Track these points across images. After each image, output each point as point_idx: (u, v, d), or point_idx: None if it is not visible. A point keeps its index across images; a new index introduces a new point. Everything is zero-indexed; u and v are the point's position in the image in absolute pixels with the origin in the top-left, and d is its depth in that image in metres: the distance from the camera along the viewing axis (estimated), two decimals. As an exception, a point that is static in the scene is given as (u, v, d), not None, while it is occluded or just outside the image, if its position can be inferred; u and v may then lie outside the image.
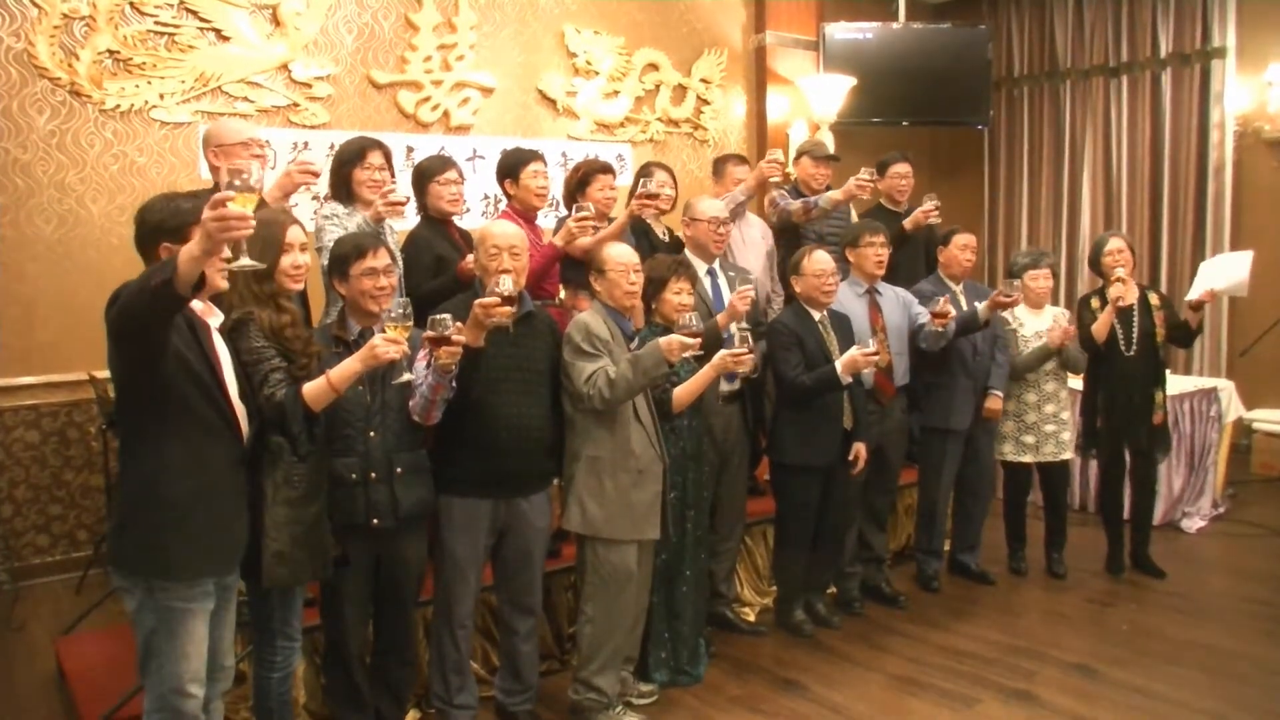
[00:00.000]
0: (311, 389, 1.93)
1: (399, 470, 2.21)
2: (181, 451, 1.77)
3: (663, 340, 2.36)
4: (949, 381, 3.49)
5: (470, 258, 2.61)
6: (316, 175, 2.55)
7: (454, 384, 2.12)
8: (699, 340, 2.35)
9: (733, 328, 2.66)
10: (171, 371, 1.73)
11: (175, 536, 1.77)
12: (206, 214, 1.53)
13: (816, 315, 3.09)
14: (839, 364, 2.88)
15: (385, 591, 2.29)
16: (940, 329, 3.17)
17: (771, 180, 3.54)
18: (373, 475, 2.18)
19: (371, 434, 2.18)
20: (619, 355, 2.48)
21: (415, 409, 2.19)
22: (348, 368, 1.94)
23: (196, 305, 1.81)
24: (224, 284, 1.81)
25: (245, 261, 1.73)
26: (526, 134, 4.61)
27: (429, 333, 2.04)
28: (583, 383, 2.42)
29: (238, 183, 1.56)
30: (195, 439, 1.78)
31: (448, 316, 2.04)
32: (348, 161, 2.76)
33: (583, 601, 2.57)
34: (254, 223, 1.57)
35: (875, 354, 2.87)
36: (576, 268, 2.91)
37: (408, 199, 2.58)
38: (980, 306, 3.29)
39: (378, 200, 2.55)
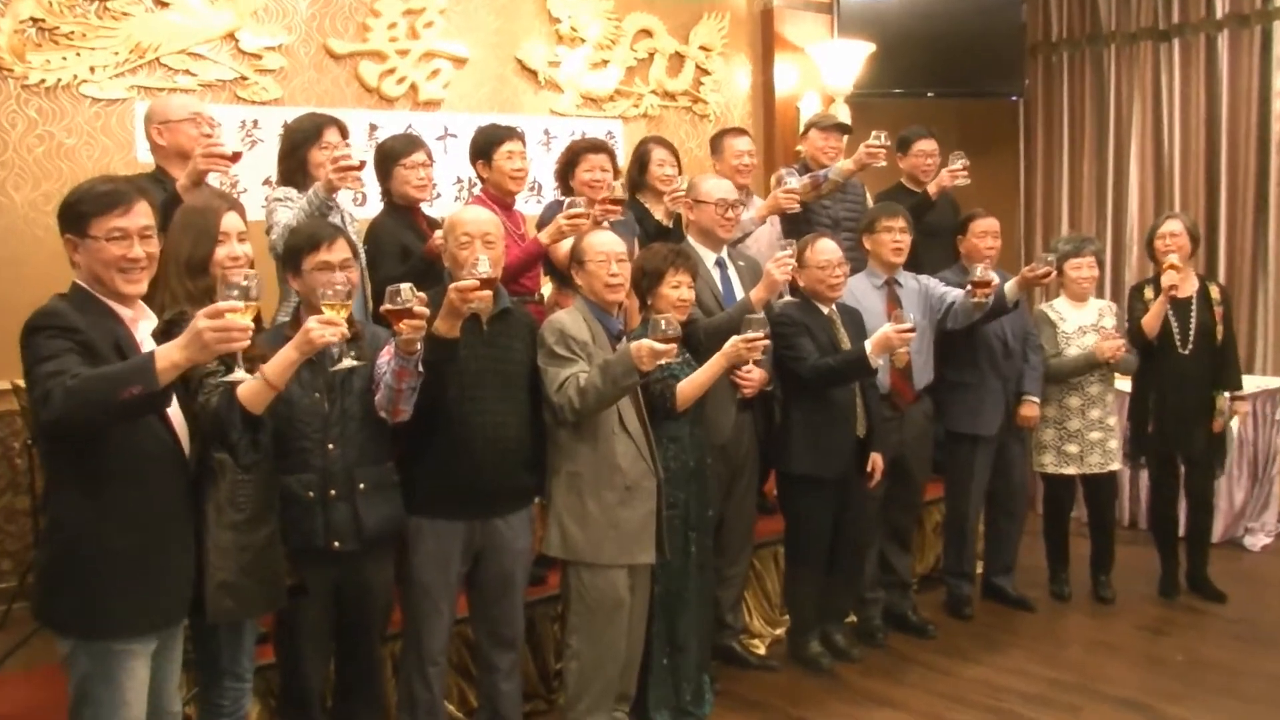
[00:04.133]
0: (247, 389, 1.91)
1: (362, 486, 2.21)
2: (121, 494, 1.74)
3: (633, 345, 2.36)
4: (976, 381, 3.50)
5: (439, 234, 2.61)
6: (228, 160, 2.47)
7: (420, 368, 2.13)
8: (672, 348, 2.33)
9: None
10: None
11: (117, 595, 1.74)
12: (204, 323, 1.59)
13: (825, 310, 3.10)
14: (869, 343, 2.88)
15: (348, 624, 2.29)
16: (982, 299, 3.13)
17: (784, 185, 3.47)
18: (332, 492, 2.18)
19: (330, 446, 2.19)
20: (601, 359, 2.48)
21: (381, 403, 2.20)
22: (283, 358, 1.92)
23: (125, 313, 1.80)
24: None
25: (240, 374, 1.79)
26: (504, 110, 4.61)
27: (386, 305, 2.04)
28: (554, 391, 2.44)
29: (236, 292, 1.64)
30: (136, 473, 1.76)
31: (407, 286, 2.04)
32: (301, 142, 2.76)
33: (568, 633, 2.58)
34: (251, 335, 1.67)
35: (911, 329, 2.85)
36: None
37: (363, 164, 2.55)
38: (1008, 285, 3.29)
39: (328, 166, 2.52)
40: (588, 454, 2.50)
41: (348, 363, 2.10)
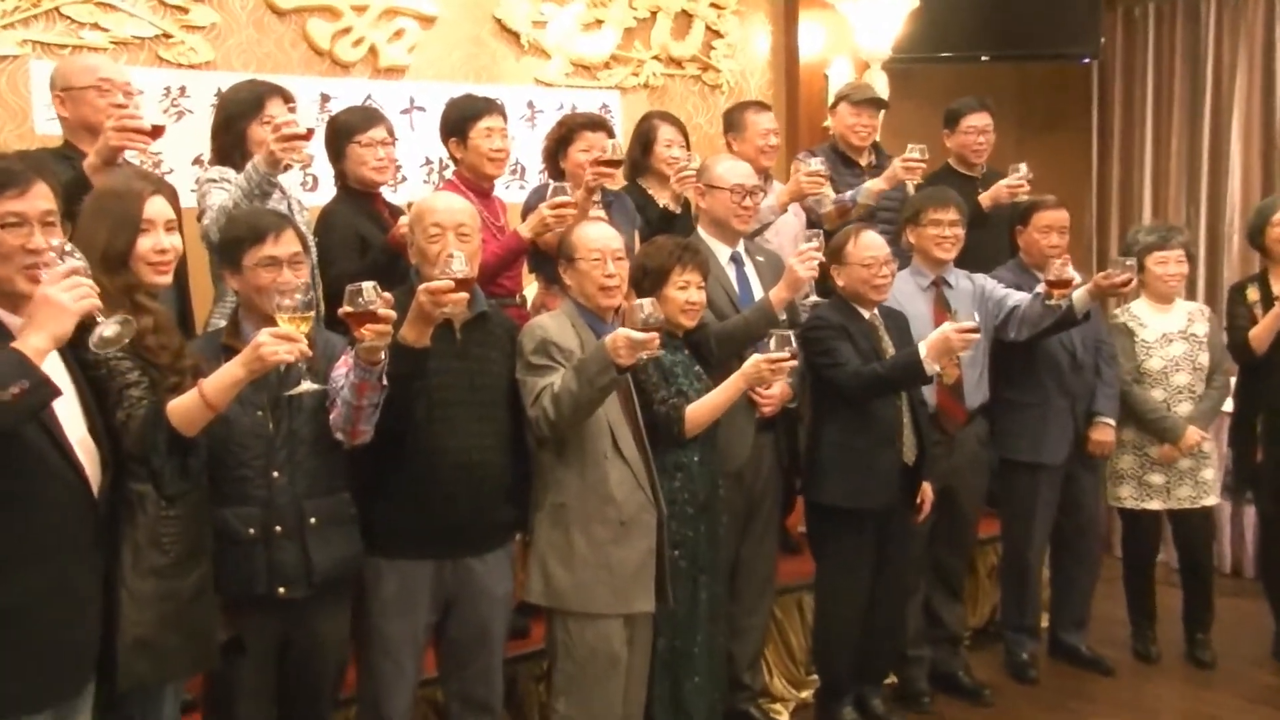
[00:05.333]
0: (180, 404, 1.93)
1: (313, 521, 2.26)
2: (2, 540, 1.72)
3: (608, 338, 2.39)
4: (1039, 401, 3.55)
5: (403, 224, 2.67)
6: (147, 136, 2.46)
7: (384, 381, 2.18)
8: (654, 337, 2.36)
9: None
10: None
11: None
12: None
13: (866, 313, 3.17)
14: (925, 345, 2.92)
15: (294, 685, 2.33)
16: (1058, 302, 3.15)
17: (803, 181, 3.55)
18: (277, 529, 2.23)
19: (275, 475, 2.24)
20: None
21: (337, 422, 2.25)
22: (227, 374, 1.94)
23: (13, 321, 1.76)
24: None
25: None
26: (481, 78, 4.67)
27: (346, 307, 2.06)
28: (530, 404, 2.49)
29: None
30: (23, 512, 1.74)
31: (370, 285, 2.06)
32: (239, 115, 2.81)
33: (554, 696, 2.62)
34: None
35: (975, 329, 2.89)
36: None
37: (310, 132, 2.56)
38: (1077, 293, 3.32)
39: (270, 137, 2.52)
40: (576, 482, 2.55)
41: (307, 386, 2.14)
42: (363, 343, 2.09)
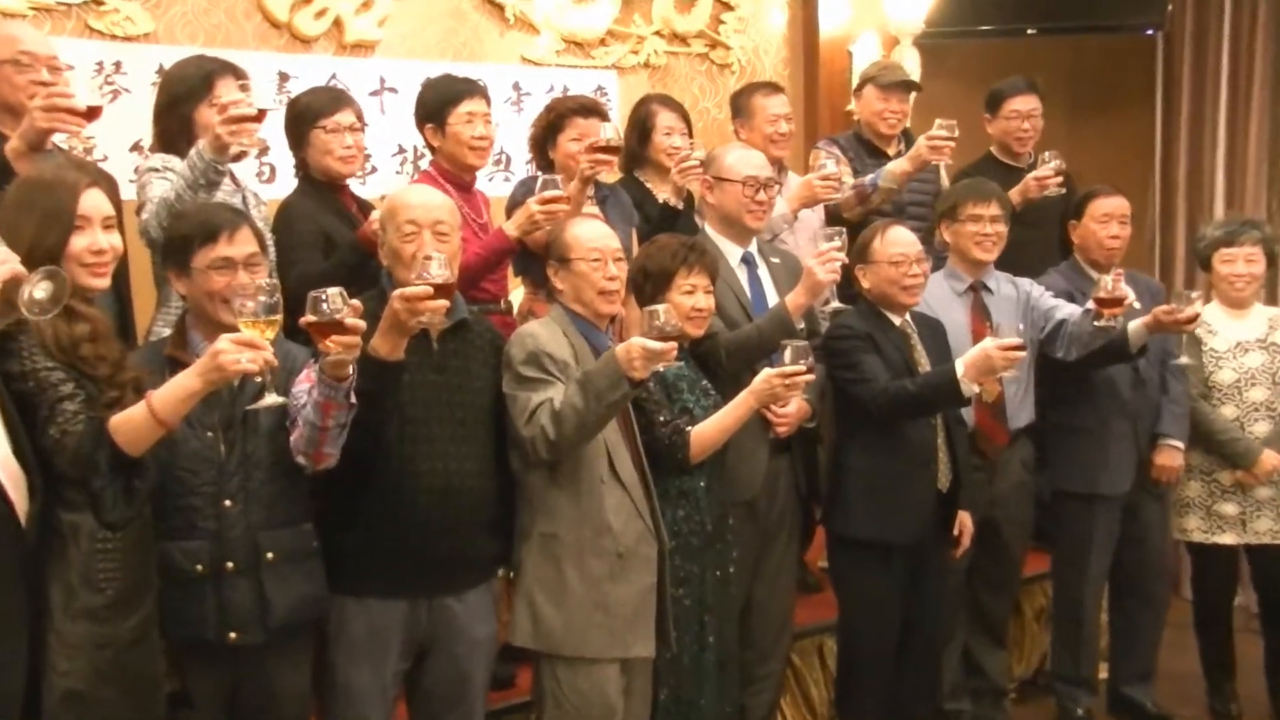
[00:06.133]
0: (125, 420, 1.95)
1: (269, 556, 2.28)
2: None
3: (620, 348, 2.42)
4: (1094, 424, 3.55)
5: (374, 221, 2.69)
6: (80, 117, 2.45)
7: (352, 399, 2.20)
8: (672, 347, 2.39)
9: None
10: None
11: None
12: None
13: (896, 320, 3.19)
14: (962, 362, 2.93)
15: (247, 742, 2.34)
16: (1109, 323, 3.15)
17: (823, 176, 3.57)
18: (229, 565, 2.25)
19: (227, 503, 2.26)
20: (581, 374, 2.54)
21: (299, 445, 2.26)
22: (180, 386, 1.95)
23: None
24: None
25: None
26: (460, 56, 4.68)
27: (309, 316, 2.06)
28: (523, 422, 2.51)
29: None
30: None
31: (337, 291, 2.07)
32: (185, 95, 2.83)
33: (542, 752, 2.63)
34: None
35: (1019, 346, 2.88)
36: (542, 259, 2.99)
37: (262, 114, 2.56)
38: (1134, 325, 3.30)
39: (215, 120, 2.52)
40: (568, 510, 2.57)
41: (270, 400, 2.14)
42: (328, 356, 2.10)
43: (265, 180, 4.03)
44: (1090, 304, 3.20)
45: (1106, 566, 3.68)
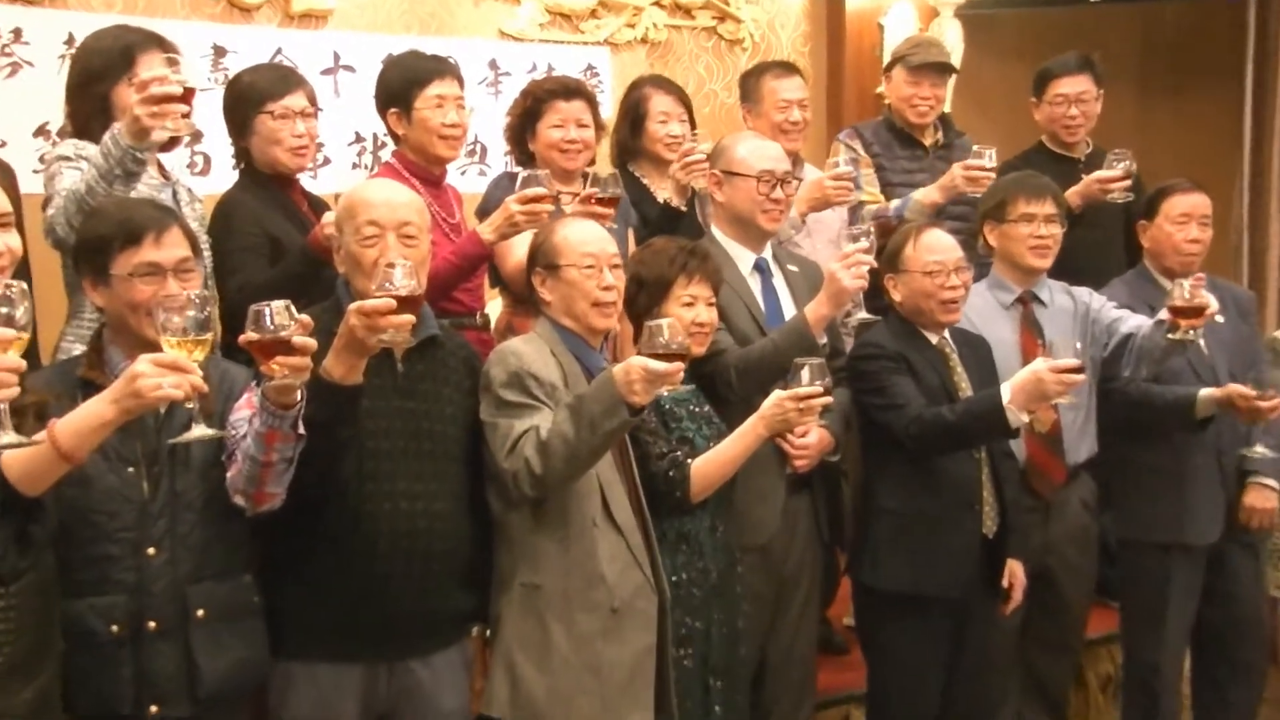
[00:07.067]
0: (22, 453, 1.90)
1: (200, 614, 2.27)
2: None
3: (618, 369, 2.40)
4: (1169, 461, 3.52)
5: (329, 221, 2.70)
6: None
7: (300, 429, 2.18)
8: (677, 368, 2.39)
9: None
10: None
11: None
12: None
13: (933, 337, 3.21)
14: (1009, 387, 2.93)
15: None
16: (1184, 336, 3.12)
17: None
18: (150, 625, 2.23)
19: (150, 552, 2.24)
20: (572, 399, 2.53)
21: (237, 483, 2.25)
22: (90, 414, 1.93)
23: None
24: None
25: (9, 437, 1.86)
26: (429, 30, 4.71)
27: (251, 333, 2.04)
28: (505, 454, 2.50)
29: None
30: None
31: (283, 304, 2.05)
32: (102, 71, 2.83)
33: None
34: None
35: (1078, 368, 2.86)
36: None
37: (190, 93, 2.52)
38: (1202, 394, 3.29)
39: (133, 99, 2.50)
40: (554, 557, 2.56)
41: (200, 432, 2.11)
42: (273, 379, 2.08)
43: (198, 172, 4.04)
44: (1163, 313, 3.18)
45: (1188, 627, 3.63)
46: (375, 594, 2.45)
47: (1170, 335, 3.15)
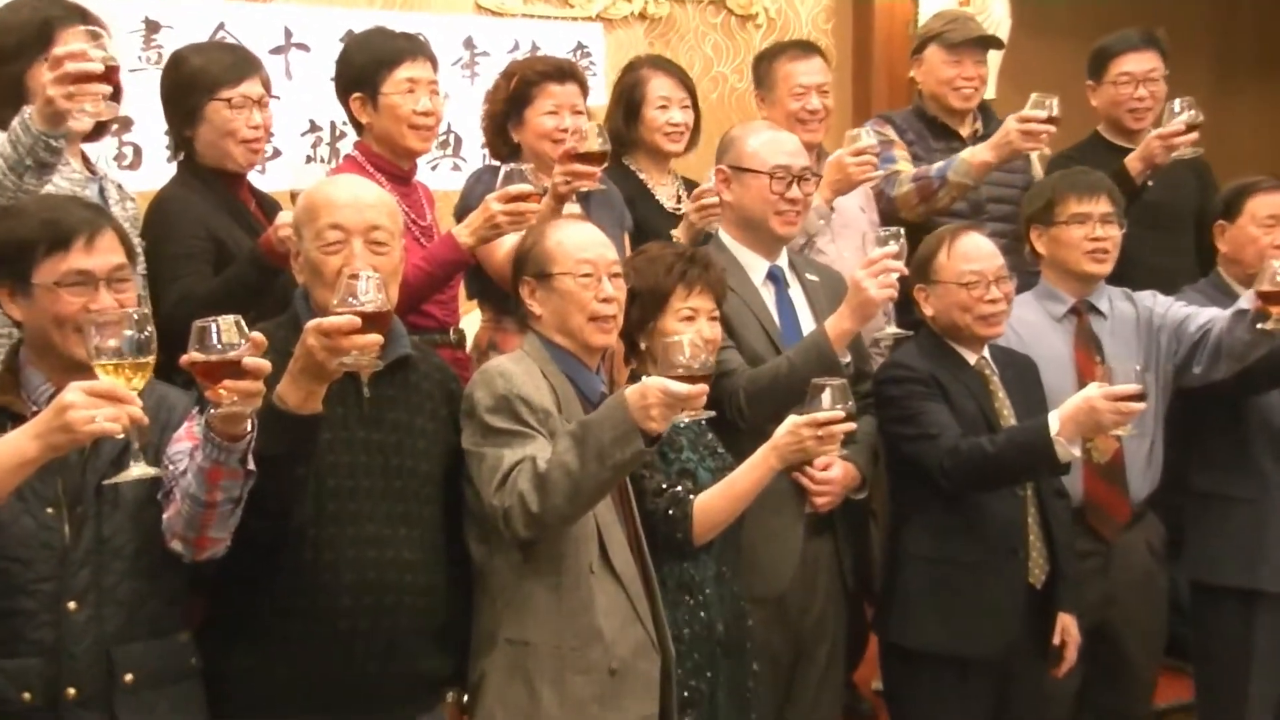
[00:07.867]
0: None
1: (128, 679, 2.26)
2: None
3: (633, 390, 2.39)
4: (1252, 491, 3.52)
5: (284, 223, 2.69)
6: None
7: (248, 466, 2.18)
8: (700, 391, 2.37)
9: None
10: None
11: None
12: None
13: (971, 357, 3.20)
14: (1058, 416, 2.91)
15: None
16: (1276, 325, 3.07)
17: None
18: (70, 692, 2.22)
19: (71, 606, 2.23)
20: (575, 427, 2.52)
21: (176, 525, 2.23)
22: (11, 450, 1.94)
23: None
24: None
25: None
26: (393, 3, 4.75)
27: (194, 354, 2.03)
28: (493, 489, 2.49)
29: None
30: None
31: (231, 319, 2.05)
32: (15, 50, 2.83)
33: None
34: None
35: (1138, 395, 2.83)
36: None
37: (112, 71, 2.50)
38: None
39: (47, 77, 2.47)
40: (545, 610, 2.55)
41: (140, 471, 2.12)
42: (219, 406, 2.07)
43: (127, 165, 4.02)
44: (1244, 301, 3.19)
45: (1277, 693, 3.62)
46: (336, 655, 2.44)
47: (1260, 325, 3.13)
